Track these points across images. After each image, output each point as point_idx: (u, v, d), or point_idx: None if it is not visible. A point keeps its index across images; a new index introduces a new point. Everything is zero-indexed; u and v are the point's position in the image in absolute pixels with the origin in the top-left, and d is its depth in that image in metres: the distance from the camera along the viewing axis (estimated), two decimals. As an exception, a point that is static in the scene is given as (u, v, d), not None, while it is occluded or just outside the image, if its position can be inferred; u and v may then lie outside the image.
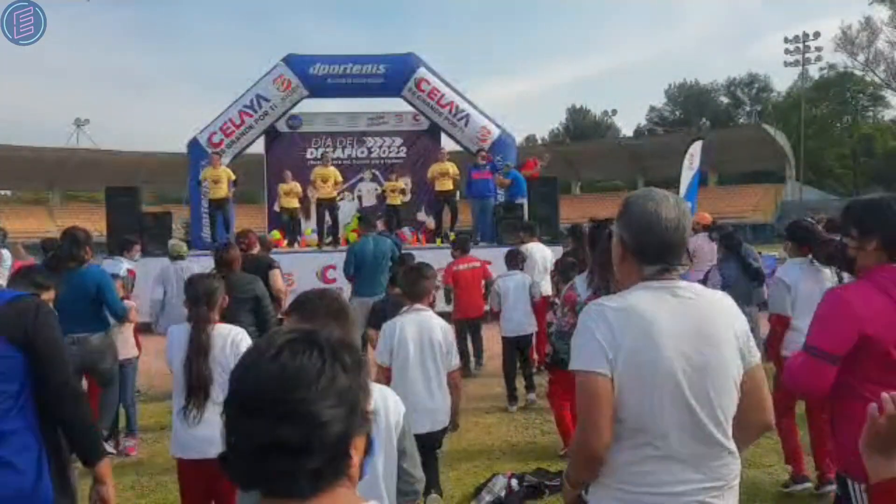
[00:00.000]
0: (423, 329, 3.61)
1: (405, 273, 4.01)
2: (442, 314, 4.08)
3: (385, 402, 1.99)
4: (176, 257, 7.47)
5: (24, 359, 1.99)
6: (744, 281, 5.64)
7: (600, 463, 1.70)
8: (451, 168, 13.38)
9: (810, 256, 4.14)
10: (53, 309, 2.17)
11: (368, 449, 1.04)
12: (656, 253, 1.73)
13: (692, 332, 1.68)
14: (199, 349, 3.08)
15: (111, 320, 5.23)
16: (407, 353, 3.58)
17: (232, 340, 3.16)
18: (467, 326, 7.65)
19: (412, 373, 3.57)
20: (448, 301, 7.66)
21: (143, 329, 6.69)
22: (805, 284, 4.03)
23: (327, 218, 13.32)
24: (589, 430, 1.67)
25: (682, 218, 1.75)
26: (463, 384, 4.05)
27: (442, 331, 3.65)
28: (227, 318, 3.42)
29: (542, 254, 7.83)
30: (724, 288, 5.46)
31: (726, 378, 1.71)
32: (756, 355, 1.79)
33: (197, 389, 3.05)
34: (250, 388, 0.94)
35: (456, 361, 3.69)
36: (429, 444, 3.67)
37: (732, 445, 1.73)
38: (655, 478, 1.68)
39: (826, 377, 2.15)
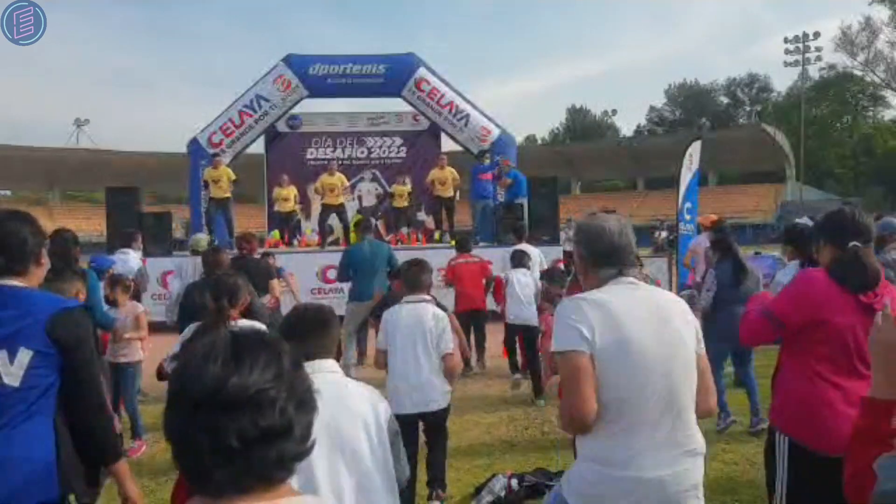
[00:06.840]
0: (415, 315, 3.89)
1: (406, 267, 4.29)
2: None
3: (377, 401, 2.10)
4: (195, 251, 7.76)
5: (60, 358, 2.09)
6: (737, 282, 5.55)
7: (587, 427, 1.91)
8: (451, 174, 13.37)
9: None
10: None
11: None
12: (608, 256, 2.05)
13: (655, 317, 1.98)
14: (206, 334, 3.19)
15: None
16: (396, 337, 3.88)
17: None
18: (469, 320, 7.51)
19: (401, 354, 3.86)
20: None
21: (159, 328, 6.60)
22: None
23: (331, 221, 13.24)
24: (574, 398, 1.88)
25: (623, 228, 2.09)
26: (461, 379, 4.28)
27: (434, 317, 3.88)
28: None
29: (534, 256, 7.84)
30: (718, 290, 5.43)
31: (688, 354, 2.00)
32: (703, 344, 2.08)
33: None
34: (201, 386, 0.95)
35: (446, 346, 3.87)
36: (429, 428, 3.95)
37: (694, 417, 2.01)
38: (634, 451, 1.88)
39: (764, 334, 2.62)
